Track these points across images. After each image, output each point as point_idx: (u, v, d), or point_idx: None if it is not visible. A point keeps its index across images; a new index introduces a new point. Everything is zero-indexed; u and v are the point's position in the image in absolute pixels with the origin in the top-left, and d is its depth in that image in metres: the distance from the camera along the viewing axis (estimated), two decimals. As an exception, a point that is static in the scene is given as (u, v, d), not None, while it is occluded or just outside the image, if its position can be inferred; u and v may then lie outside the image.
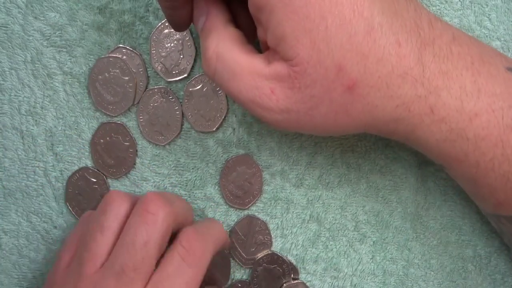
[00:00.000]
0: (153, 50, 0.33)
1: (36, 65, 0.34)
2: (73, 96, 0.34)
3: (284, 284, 0.34)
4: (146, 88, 0.34)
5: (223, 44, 0.26)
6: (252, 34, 0.28)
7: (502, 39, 0.33)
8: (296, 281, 0.34)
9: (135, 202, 0.29)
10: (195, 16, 0.28)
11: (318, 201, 0.34)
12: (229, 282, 0.34)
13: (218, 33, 0.26)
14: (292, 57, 0.24)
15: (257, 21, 0.26)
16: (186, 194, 0.34)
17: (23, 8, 0.33)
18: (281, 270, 0.34)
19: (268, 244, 0.34)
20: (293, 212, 0.35)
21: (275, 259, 0.34)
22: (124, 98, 0.34)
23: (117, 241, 0.28)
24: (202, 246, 0.29)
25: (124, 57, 0.34)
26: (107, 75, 0.33)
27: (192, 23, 0.29)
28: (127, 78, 0.33)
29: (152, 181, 0.35)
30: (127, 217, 0.29)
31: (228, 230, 0.34)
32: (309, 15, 0.23)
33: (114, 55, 0.33)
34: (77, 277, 0.28)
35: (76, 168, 0.34)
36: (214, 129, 0.34)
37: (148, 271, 0.27)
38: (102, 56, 0.34)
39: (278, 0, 0.23)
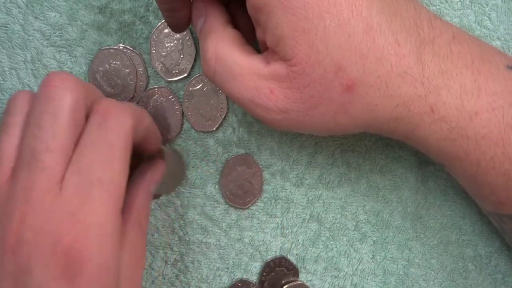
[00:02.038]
0: (153, 50, 0.33)
1: (36, 65, 0.34)
2: (73, 96, 0.34)
3: (285, 285, 0.34)
4: (146, 87, 0.34)
5: (222, 45, 0.26)
6: (251, 35, 0.28)
7: (502, 38, 0.33)
8: (296, 281, 0.34)
9: None
10: (194, 17, 0.28)
11: (318, 200, 0.34)
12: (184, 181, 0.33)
13: (217, 34, 0.26)
14: (291, 57, 0.24)
15: (255, 22, 0.26)
16: (186, 192, 0.34)
17: (23, 8, 0.33)
18: (285, 271, 0.34)
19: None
20: (293, 211, 0.35)
21: (282, 263, 0.35)
22: (124, 90, 0.34)
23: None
24: (121, 111, 0.25)
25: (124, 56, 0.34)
26: (107, 66, 0.33)
27: (191, 24, 0.29)
28: (127, 70, 0.33)
29: (152, 180, 0.35)
30: None
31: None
32: (307, 16, 0.23)
33: (115, 47, 0.33)
34: None
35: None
36: (214, 129, 0.34)
37: (64, 148, 0.23)
38: (103, 48, 0.34)
39: (276, 1, 0.23)
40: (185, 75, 0.34)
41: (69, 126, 0.23)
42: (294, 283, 0.34)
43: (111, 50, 0.33)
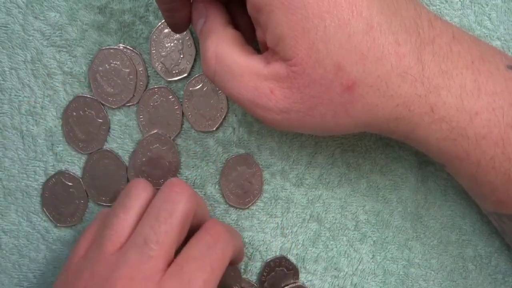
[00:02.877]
0: (153, 50, 0.33)
1: (36, 65, 0.34)
2: (73, 96, 0.34)
3: (285, 287, 0.34)
4: (146, 87, 0.34)
5: (222, 46, 0.26)
6: (251, 35, 0.28)
7: (502, 38, 0.33)
8: (295, 283, 0.34)
9: (156, 191, 0.29)
10: (194, 18, 0.28)
11: (318, 200, 0.34)
12: None
13: (217, 35, 0.26)
14: (291, 57, 0.24)
15: (255, 22, 0.26)
16: (186, 193, 0.34)
17: (23, 8, 0.33)
18: (285, 270, 0.34)
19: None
20: (293, 211, 0.35)
21: (282, 262, 0.34)
22: (124, 90, 0.34)
23: (140, 220, 0.28)
24: (227, 238, 0.29)
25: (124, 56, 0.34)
26: (107, 66, 0.33)
27: (190, 24, 0.29)
28: (127, 70, 0.33)
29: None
30: (150, 201, 0.28)
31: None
32: (307, 16, 0.23)
33: (115, 47, 0.33)
34: (95, 258, 0.27)
35: (76, 168, 0.34)
36: (214, 129, 0.34)
37: (170, 246, 0.27)
38: (103, 48, 0.34)
39: (276, 1, 0.23)
40: (185, 75, 0.34)
41: (178, 228, 0.27)
42: (293, 285, 0.34)
43: (111, 50, 0.33)
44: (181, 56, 0.34)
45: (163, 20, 0.33)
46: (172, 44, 0.34)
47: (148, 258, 0.26)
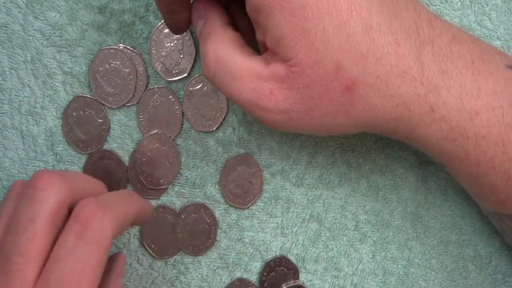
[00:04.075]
0: (153, 50, 0.33)
1: (36, 65, 0.34)
2: (73, 96, 0.34)
3: (284, 286, 0.34)
4: (146, 87, 0.34)
5: (222, 47, 0.26)
6: (250, 36, 0.28)
7: (502, 38, 0.33)
8: (295, 282, 0.34)
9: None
10: (193, 19, 0.28)
11: (318, 200, 0.34)
12: None
13: (217, 36, 0.26)
14: (291, 58, 0.24)
15: (255, 23, 0.26)
16: (186, 192, 0.34)
17: (23, 8, 0.33)
18: (285, 270, 0.34)
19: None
20: (293, 211, 0.35)
21: (282, 262, 0.34)
22: (124, 90, 0.34)
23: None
24: (101, 218, 0.25)
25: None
26: (107, 66, 0.33)
27: (191, 26, 0.29)
28: (127, 70, 0.33)
29: (152, 180, 0.35)
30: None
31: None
32: (306, 16, 0.23)
33: (115, 47, 0.34)
34: None
35: (76, 168, 0.34)
36: (214, 129, 0.34)
37: (37, 255, 0.23)
38: (103, 48, 0.34)
39: (275, 2, 0.23)
40: (185, 75, 0.34)
41: (45, 230, 0.24)
42: (293, 285, 0.34)
43: (111, 50, 0.33)
44: (181, 56, 0.34)
45: (163, 20, 0.33)
46: (172, 44, 0.34)
47: (15, 273, 0.23)
